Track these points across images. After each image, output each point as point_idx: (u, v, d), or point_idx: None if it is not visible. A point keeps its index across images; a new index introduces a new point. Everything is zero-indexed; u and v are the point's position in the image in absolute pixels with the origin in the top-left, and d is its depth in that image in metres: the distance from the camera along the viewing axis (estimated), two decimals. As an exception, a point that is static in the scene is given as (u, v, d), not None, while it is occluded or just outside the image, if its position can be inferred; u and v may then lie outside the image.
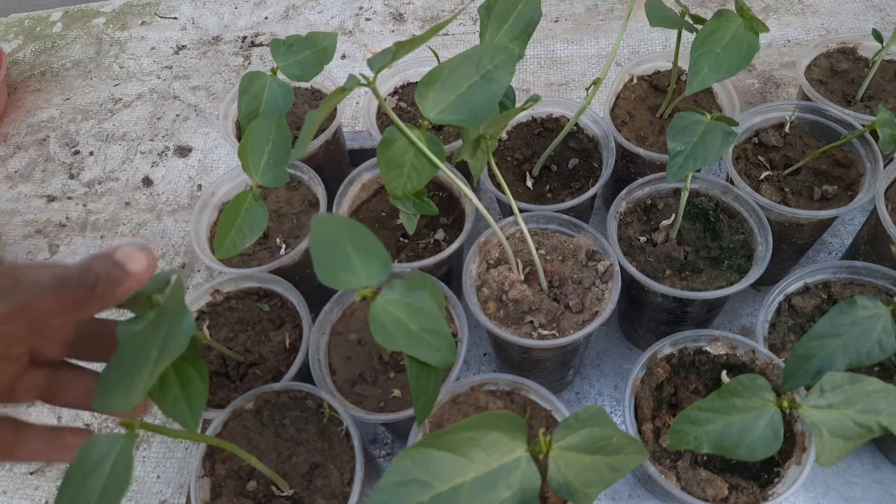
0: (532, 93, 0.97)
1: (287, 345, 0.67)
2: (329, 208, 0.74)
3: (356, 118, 1.05)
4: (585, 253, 0.66)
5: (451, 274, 0.74)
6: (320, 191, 0.75)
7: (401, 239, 0.74)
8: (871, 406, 0.46)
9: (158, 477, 0.76)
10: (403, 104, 0.86)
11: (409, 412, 0.58)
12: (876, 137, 0.69)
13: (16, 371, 0.37)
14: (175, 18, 1.27)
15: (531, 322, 0.62)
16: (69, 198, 1.03)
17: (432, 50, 0.74)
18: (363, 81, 0.48)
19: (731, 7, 0.60)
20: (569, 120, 0.77)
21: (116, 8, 1.31)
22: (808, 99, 0.77)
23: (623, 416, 0.57)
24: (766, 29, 0.59)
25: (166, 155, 1.06)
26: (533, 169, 0.76)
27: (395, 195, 0.52)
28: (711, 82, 0.57)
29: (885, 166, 0.68)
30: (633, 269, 0.64)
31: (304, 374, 0.63)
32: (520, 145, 0.78)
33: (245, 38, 1.21)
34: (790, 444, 0.55)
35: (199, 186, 1.02)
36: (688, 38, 0.63)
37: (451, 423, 0.56)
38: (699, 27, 0.61)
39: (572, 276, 0.64)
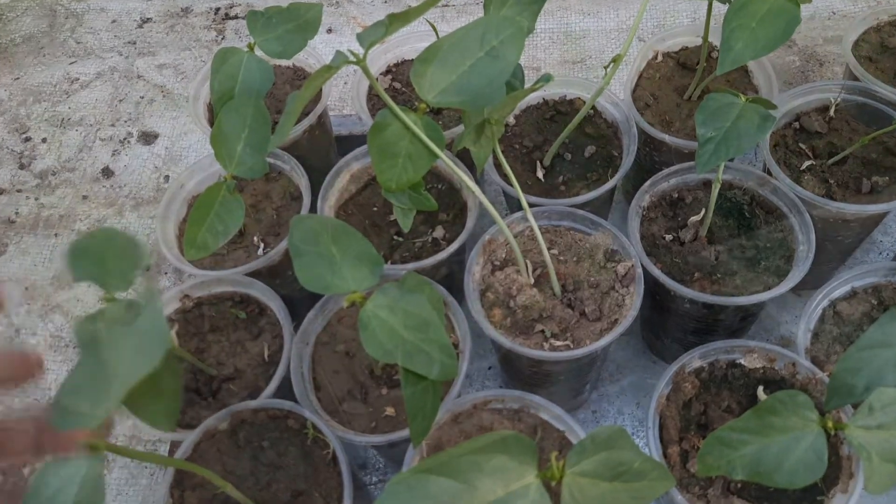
0: (543, 71, 0.97)
1: (266, 357, 0.67)
2: (313, 202, 0.74)
3: (344, 100, 1.05)
4: (603, 253, 0.66)
5: (451, 277, 0.74)
6: (303, 182, 0.75)
7: (395, 237, 0.74)
8: (927, 426, 0.46)
9: (120, 506, 0.76)
10: (398, 84, 0.86)
11: (405, 433, 0.58)
12: (932, 122, 0.70)
13: None
14: (139, -13, 1.27)
15: (542, 331, 0.62)
16: (19, 190, 1.03)
17: (430, 23, 0.74)
18: (352, 59, 0.48)
19: (769, -26, 0.60)
20: (585, 102, 0.77)
21: (72, -25, 1.31)
22: (856, 78, 0.77)
23: (646, 438, 0.57)
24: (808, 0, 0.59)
25: (129, 142, 1.06)
26: (544, 158, 0.76)
27: (389, 188, 0.52)
28: (746, 60, 0.57)
29: (942, 155, 0.68)
30: (657, 272, 0.64)
31: (286, 390, 0.63)
32: (529, 131, 0.78)
33: (218, 9, 1.21)
34: (835, 470, 0.55)
35: (167, 178, 1.02)
36: (719, 9, 0.63)
37: (451, 446, 0.56)
38: (732, -3, 0.61)
39: (589, 280, 0.65)
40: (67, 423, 0.37)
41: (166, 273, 0.92)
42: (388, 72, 0.87)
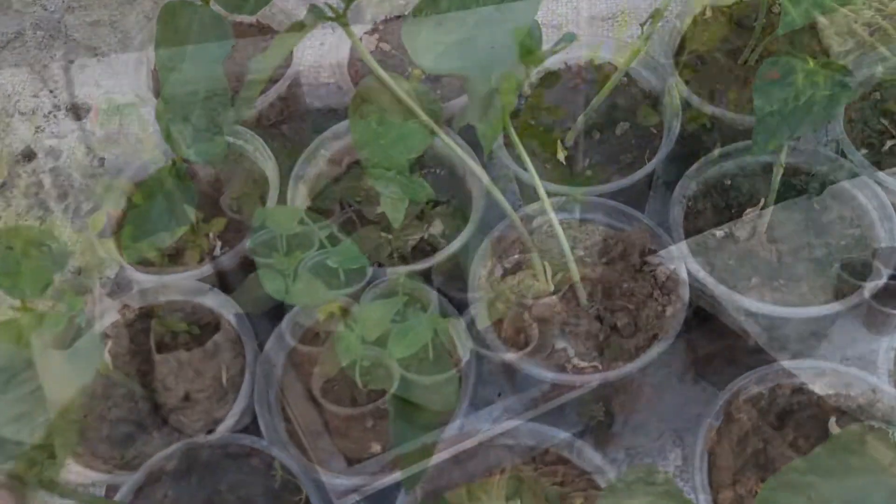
0: (565, 30, 0.97)
1: (224, 381, 0.67)
2: (283, 191, 0.74)
3: (320, 66, 1.05)
4: (639, 253, 0.66)
5: (451, 281, 0.74)
6: (270, 167, 0.75)
7: (383, 234, 0.74)
8: None
9: (45, 565, 0.76)
10: (386, 46, 0.86)
11: (394, 475, 0.58)
12: None
13: None
14: (68, -73, 1.27)
15: (564, 349, 0.62)
16: (-79, 176, 1.03)
17: (426, -30, 0.74)
18: (330, 14, 0.48)
19: (843, -90, 0.60)
20: (616, 68, 0.77)
21: (-13, -88, 1.32)
22: (950, 38, 0.77)
23: (693, 481, 0.57)
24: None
25: (55, 117, 1.06)
26: (566, 137, 0.76)
27: (375, 173, 0.52)
28: (814, 16, 0.57)
29: None
30: (705, 276, 0.64)
31: (249, 422, 0.63)
32: (548, 104, 0.78)
33: (166, -47, 1.21)
34: (925, 520, 0.55)
35: (102, 161, 1.02)
36: (782, -47, 0.63)
37: (452, 491, 0.56)
38: (798, -62, 0.61)
39: (621, 286, 0.64)
40: (7, 454, 0.37)
41: (101, 278, 0.92)
42: (374, 30, 0.87)
